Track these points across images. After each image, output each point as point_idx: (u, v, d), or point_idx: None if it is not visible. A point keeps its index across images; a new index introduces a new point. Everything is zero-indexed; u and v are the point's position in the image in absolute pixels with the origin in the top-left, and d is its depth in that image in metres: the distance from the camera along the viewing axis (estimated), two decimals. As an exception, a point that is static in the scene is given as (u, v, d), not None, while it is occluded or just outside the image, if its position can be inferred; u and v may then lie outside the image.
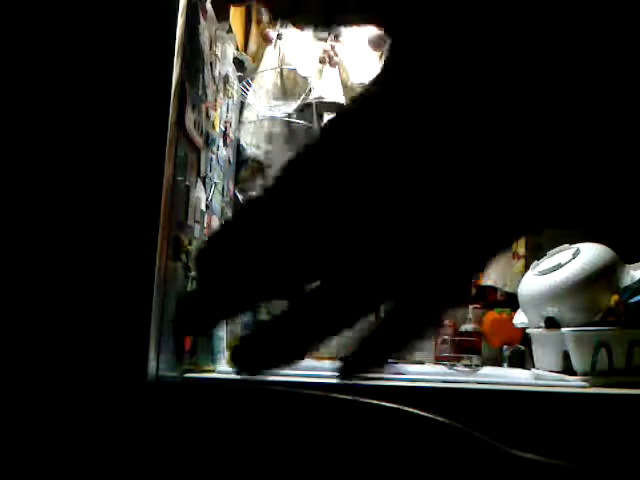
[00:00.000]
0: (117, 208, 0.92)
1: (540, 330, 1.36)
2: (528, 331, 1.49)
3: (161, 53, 0.96)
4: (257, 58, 1.79)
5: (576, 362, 1.20)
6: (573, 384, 1.14)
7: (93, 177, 0.94)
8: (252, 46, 1.83)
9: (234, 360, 0.26)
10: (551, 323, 1.30)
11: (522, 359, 1.64)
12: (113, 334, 0.89)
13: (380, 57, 1.80)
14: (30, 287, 0.91)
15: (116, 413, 0.88)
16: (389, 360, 1.64)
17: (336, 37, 1.80)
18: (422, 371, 1.58)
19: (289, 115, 1.69)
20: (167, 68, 0.96)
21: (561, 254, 1.38)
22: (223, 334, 1.16)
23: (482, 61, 0.20)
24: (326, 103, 1.73)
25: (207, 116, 1.22)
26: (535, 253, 1.61)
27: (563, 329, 1.24)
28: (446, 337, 1.71)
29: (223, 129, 1.43)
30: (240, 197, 1.70)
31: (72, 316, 0.90)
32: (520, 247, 1.79)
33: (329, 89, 1.73)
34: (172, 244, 0.99)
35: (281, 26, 1.77)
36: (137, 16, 0.97)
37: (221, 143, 1.41)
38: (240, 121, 1.73)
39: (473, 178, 0.21)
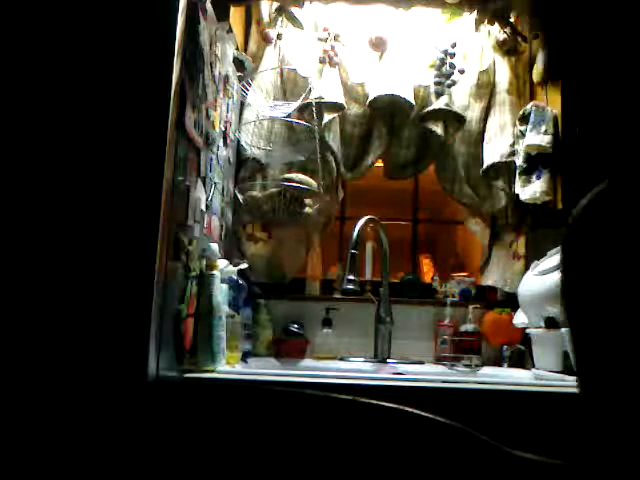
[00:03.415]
0: (117, 208, 0.92)
1: (540, 330, 1.36)
2: (528, 331, 1.49)
3: (161, 53, 0.96)
4: (257, 58, 1.79)
5: (576, 362, 1.20)
6: (573, 384, 1.14)
7: (93, 177, 0.94)
8: (252, 46, 1.83)
9: None
10: (551, 323, 1.30)
11: (522, 359, 1.64)
12: (113, 334, 0.89)
13: (380, 57, 1.80)
14: (31, 287, 0.91)
15: (116, 413, 0.88)
16: (389, 360, 1.64)
17: (336, 37, 1.80)
18: (422, 371, 1.58)
19: (289, 115, 1.69)
20: (167, 68, 0.96)
21: (561, 254, 1.38)
22: (223, 334, 1.16)
23: None
24: (326, 103, 1.73)
25: (207, 116, 1.22)
26: (535, 253, 1.61)
27: (563, 329, 1.24)
28: (446, 337, 1.71)
29: (223, 129, 1.43)
30: (240, 197, 1.70)
31: (72, 316, 0.90)
32: (520, 247, 1.79)
33: (329, 89, 1.73)
34: (172, 244, 0.99)
35: (281, 26, 1.77)
36: (137, 16, 0.97)
37: (221, 143, 1.41)
38: (240, 121, 1.73)
39: None
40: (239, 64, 1.60)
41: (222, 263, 1.24)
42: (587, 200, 0.25)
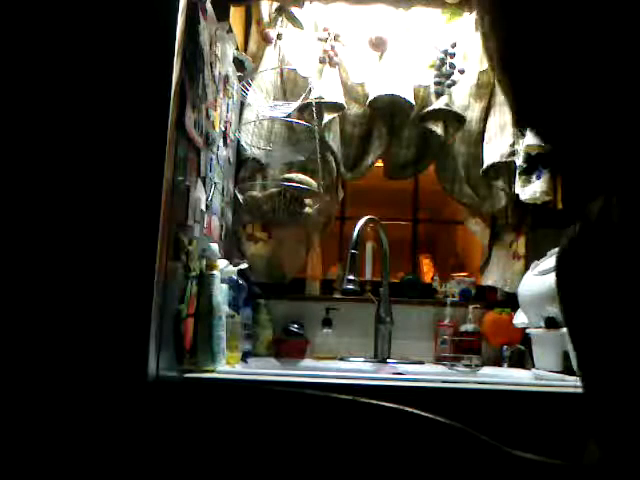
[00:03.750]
0: (117, 208, 0.92)
1: (540, 330, 1.36)
2: (528, 331, 1.49)
3: (161, 53, 0.96)
4: (257, 58, 1.79)
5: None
6: (573, 384, 1.14)
7: (93, 177, 0.94)
8: (252, 46, 1.83)
9: None
10: (551, 323, 1.30)
11: (522, 359, 1.64)
12: (113, 334, 0.89)
13: (380, 57, 1.80)
14: (31, 287, 0.91)
15: (116, 413, 0.88)
16: (389, 360, 1.64)
17: (336, 37, 1.80)
18: (422, 371, 1.58)
19: (289, 115, 1.69)
20: (167, 68, 0.96)
21: (561, 254, 1.38)
22: (223, 334, 1.16)
23: None
24: (326, 103, 1.73)
25: (207, 116, 1.22)
26: (535, 253, 1.61)
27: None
28: (446, 337, 1.71)
29: (223, 129, 1.43)
30: (240, 197, 1.70)
31: (72, 316, 0.90)
32: (520, 247, 1.79)
33: (329, 89, 1.73)
34: (172, 244, 0.99)
35: (281, 26, 1.77)
36: (137, 16, 0.97)
37: (221, 143, 1.41)
38: (240, 121, 1.73)
39: None
40: (239, 64, 1.60)
41: (222, 263, 1.24)
42: (580, 223, 0.26)
